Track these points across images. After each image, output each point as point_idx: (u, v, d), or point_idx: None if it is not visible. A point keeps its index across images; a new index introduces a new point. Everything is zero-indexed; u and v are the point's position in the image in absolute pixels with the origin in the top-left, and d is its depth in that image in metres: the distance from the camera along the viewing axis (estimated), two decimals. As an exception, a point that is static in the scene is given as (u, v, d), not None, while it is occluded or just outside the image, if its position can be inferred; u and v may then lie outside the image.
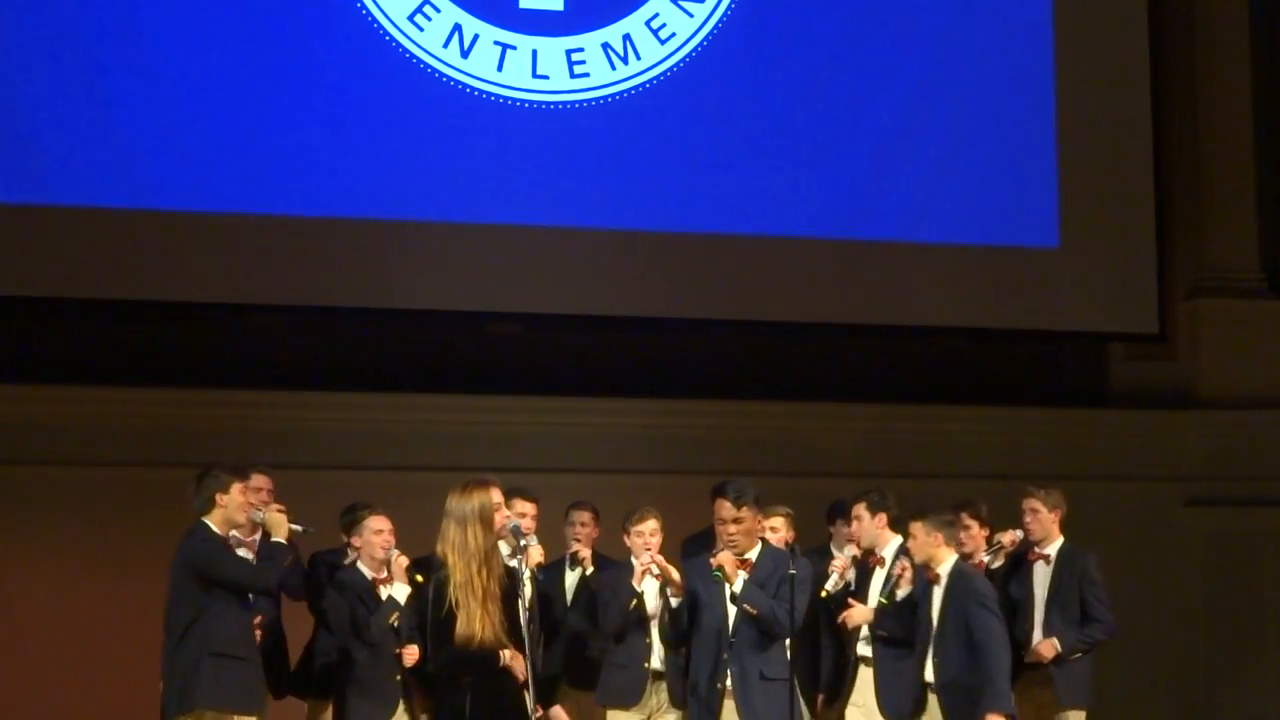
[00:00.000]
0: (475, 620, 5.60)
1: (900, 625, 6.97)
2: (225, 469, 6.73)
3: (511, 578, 5.88)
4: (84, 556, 9.05)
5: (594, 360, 9.81)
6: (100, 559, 9.00)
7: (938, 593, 6.81)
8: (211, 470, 6.72)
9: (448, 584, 5.68)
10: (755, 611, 6.49)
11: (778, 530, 7.29)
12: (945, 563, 6.84)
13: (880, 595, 7.02)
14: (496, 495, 5.82)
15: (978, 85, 9.95)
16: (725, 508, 6.61)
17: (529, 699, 5.90)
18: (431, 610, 5.76)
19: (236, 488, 6.65)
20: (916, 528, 6.83)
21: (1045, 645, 7.36)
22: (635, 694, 7.10)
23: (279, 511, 6.78)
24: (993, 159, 9.93)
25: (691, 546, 7.81)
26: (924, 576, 6.87)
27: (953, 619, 6.73)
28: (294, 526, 6.82)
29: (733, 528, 6.58)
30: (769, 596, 6.62)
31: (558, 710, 7.46)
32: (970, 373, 10.35)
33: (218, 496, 6.62)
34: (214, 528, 6.62)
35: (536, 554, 7.07)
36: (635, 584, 7.11)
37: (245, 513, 6.70)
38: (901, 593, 6.96)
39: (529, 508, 7.35)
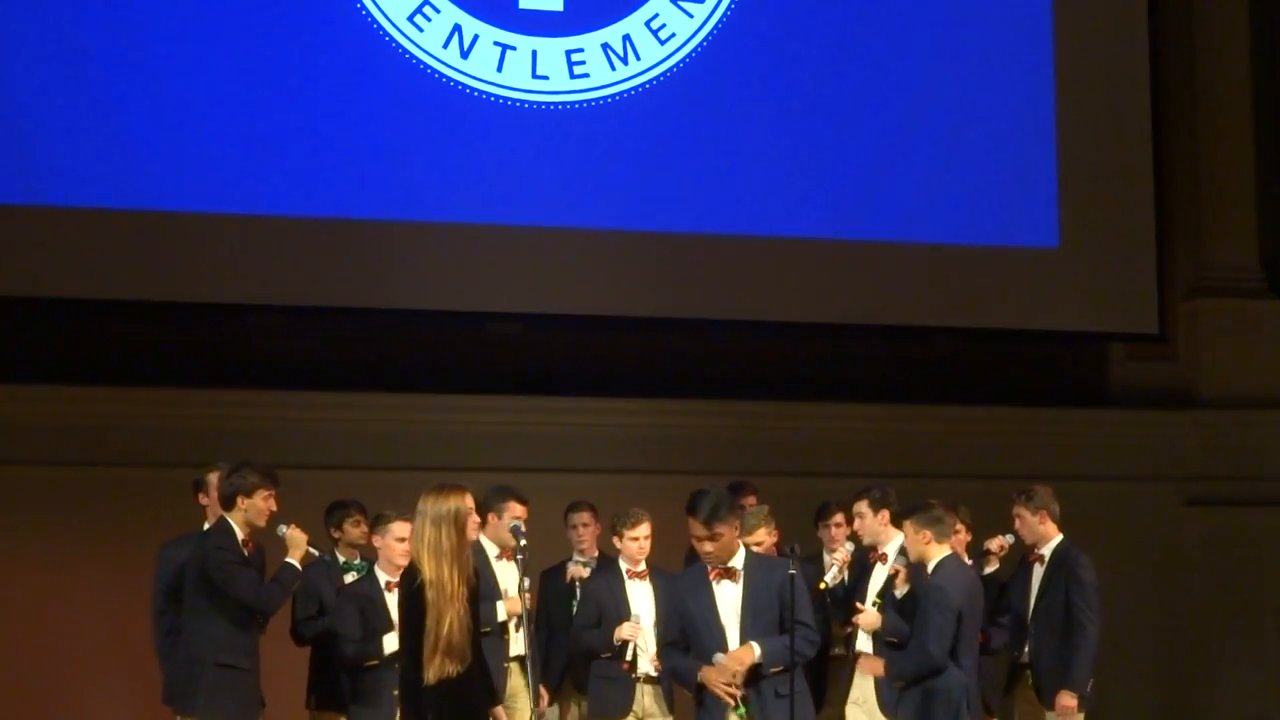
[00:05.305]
0: (444, 619, 5.66)
1: (896, 628, 6.89)
2: (257, 471, 6.74)
3: (480, 580, 5.93)
4: (84, 556, 9.03)
5: (594, 360, 9.80)
6: (100, 559, 8.98)
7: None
8: (243, 469, 6.74)
9: (423, 583, 5.72)
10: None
11: (762, 544, 7.13)
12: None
13: (875, 595, 6.99)
14: (469, 501, 5.88)
15: (978, 85, 9.95)
16: (696, 527, 6.10)
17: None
18: (406, 608, 5.80)
19: (261, 494, 6.68)
20: (905, 526, 6.83)
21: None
22: (624, 706, 7.13)
23: (300, 531, 6.79)
24: (993, 159, 9.93)
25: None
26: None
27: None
28: (311, 550, 6.83)
29: (708, 545, 6.07)
30: (772, 604, 6.17)
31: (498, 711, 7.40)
32: (970, 373, 10.33)
33: (239, 499, 6.65)
34: (235, 527, 6.66)
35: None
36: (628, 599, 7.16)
37: (265, 520, 6.71)
38: (899, 593, 6.92)
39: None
